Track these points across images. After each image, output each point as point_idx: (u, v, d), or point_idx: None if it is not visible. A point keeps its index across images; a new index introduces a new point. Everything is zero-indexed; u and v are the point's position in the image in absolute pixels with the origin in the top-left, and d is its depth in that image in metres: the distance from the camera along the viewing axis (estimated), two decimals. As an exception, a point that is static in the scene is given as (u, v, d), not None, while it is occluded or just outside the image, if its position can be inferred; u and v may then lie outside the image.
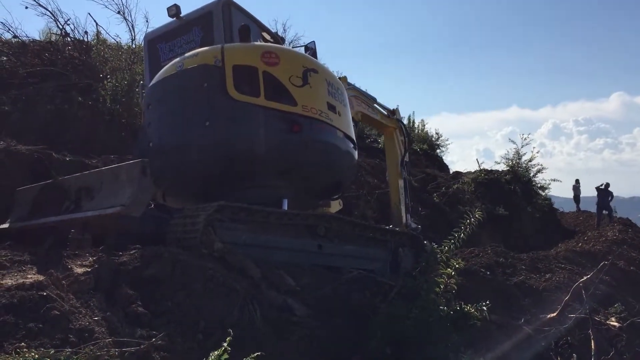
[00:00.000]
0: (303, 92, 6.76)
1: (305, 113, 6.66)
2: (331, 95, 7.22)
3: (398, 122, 11.52)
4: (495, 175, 19.98)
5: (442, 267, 5.57)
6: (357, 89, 10.39)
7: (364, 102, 10.52)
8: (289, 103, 6.60)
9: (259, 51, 6.75)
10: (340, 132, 7.18)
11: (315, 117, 6.77)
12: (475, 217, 5.91)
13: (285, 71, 6.72)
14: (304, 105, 6.68)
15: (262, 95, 6.48)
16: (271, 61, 6.67)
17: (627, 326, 8.38)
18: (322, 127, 6.86)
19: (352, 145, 7.62)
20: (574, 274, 10.56)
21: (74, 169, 8.09)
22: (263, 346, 4.02)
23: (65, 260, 4.88)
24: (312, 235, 6.38)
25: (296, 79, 6.75)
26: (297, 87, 6.72)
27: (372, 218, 13.06)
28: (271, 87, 6.56)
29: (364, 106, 10.46)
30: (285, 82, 6.66)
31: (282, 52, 7.00)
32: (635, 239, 17.10)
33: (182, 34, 8.02)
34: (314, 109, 6.77)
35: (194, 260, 4.79)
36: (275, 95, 6.57)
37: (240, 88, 6.46)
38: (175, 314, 4.19)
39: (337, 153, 7.15)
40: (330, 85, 7.28)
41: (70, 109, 11.47)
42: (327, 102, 7.05)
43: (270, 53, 6.75)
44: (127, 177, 5.67)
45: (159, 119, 6.90)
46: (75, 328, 3.52)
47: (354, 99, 10.19)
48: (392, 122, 11.39)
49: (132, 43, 14.70)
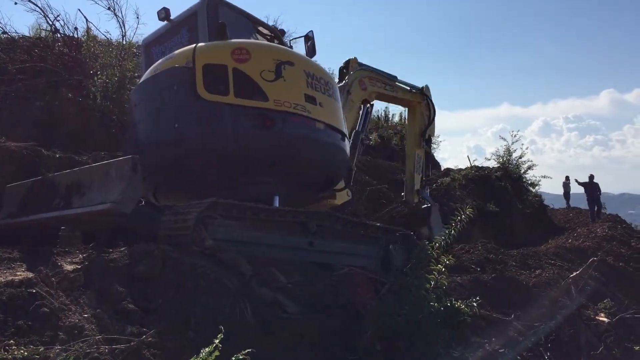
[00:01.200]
0: (275, 87, 6.70)
1: (278, 107, 6.61)
2: (311, 86, 7.11)
3: (424, 97, 11.65)
4: (486, 172, 20.04)
5: (432, 264, 5.59)
6: (371, 69, 10.39)
7: (379, 80, 10.55)
8: (260, 98, 6.57)
9: (230, 48, 6.72)
10: (320, 124, 7.07)
11: (289, 111, 6.70)
12: (466, 214, 5.93)
13: (256, 66, 6.67)
14: (276, 100, 6.63)
15: (231, 93, 6.48)
16: (241, 58, 6.64)
17: (616, 322, 8.44)
18: (298, 121, 6.78)
19: (339, 136, 7.53)
20: (564, 270, 10.63)
21: (64, 166, 8.05)
22: (254, 343, 4.02)
23: (55, 257, 4.87)
24: (303, 232, 6.38)
25: (268, 73, 6.69)
26: (269, 81, 6.67)
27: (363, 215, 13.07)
28: (241, 84, 6.54)
29: (379, 85, 10.48)
30: (256, 77, 6.62)
31: (254, 48, 6.96)
32: (624, 235, 17.21)
33: (173, 36, 8.02)
34: (288, 103, 6.71)
35: (184, 257, 4.79)
36: (245, 92, 6.55)
37: (210, 87, 6.49)
38: (166, 311, 4.19)
39: (316, 146, 7.06)
40: (310, 76, 7.18)
41: (61, 105, 11.39)
42: (304, 94, 6.96)
43: (241, 49, 6.72)
44: (117, 173, 5.64)
45: (139, 121, 7.15)
46: (65, 325, 3.51)
47: (367, 79, 10.22)
48: (416, 96, 11.57)
49: (122, 39, 14.59)
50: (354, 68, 10.22)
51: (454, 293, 6.82)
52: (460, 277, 8.03)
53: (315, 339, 4.79)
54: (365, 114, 10.49)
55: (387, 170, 15.87)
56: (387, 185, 15.05)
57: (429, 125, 11.84)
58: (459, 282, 7.73)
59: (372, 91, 10.33)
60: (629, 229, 18.68)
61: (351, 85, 10.06)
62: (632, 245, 16.11)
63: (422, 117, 11.83)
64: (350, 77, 10.15)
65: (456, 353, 5.01)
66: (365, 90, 10.21)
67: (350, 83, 10.09)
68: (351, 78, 10.13)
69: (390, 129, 23.10)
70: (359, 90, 10.19)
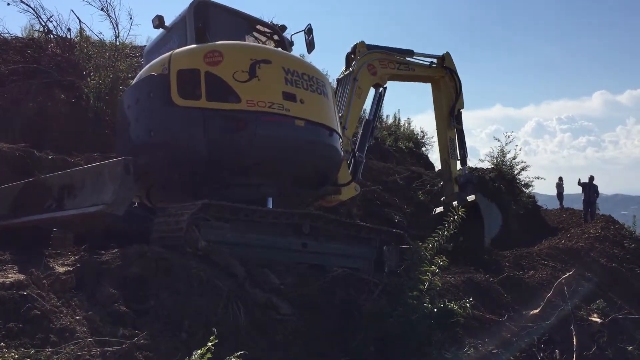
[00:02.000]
0: (249, 87, 6.65)
1: (250, 108, 6.56)
2: (290, 83, 6.99)
3: (444, 70, 11.02)
4: (479, 172, 20.04)
5: (426, 265, 5.59)
6: (381, 50, 10.03)
7: (392, 61, 10.18)
8: (233, 100, 6.54)
9: (202, 52, 6.72)
10: (300, 122, 6.95)
11: (263, 111, 6.63)
12: (459, 215, 5.93)
13: (229, 68, 6.64)
14: (249, 101, 6.57)
15: (203, 97, 6.49)
16: (214, 60, 6.63)
17: (608, 322, 8.49)
18: (272, 120, 6.70)
19: (326, 132, 7.40)
20: (557, 271, 10.66)
21: (57, 167, 8.03)
22: (247, 344, 4.02)
23: (47, 259, 4.85)
24: (296, 234, 6.37)
25: (241, 74, 6.65)
26: (242, 82, 6.63)
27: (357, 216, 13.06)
28: (213, 87, 6.54)
29: (392, 66, 10.11)
30: (228, 79, 6.59)
31: (227, 49, 6.90)
32: (617, 235, 17.27)
33: (167, 43, 8.01)
34: (262, 102, 6.64)
35: (177, 259, 4.78)
36: (217, 95, 6.55)
37: (183, 93, 6.51)
38: (159, 313, 4.18)
39: (296, 144, 6.94)
40: (289, 72, 7.05)
41: (53, 106, 11.34)
42: (282, 92, 6.87)
43: (214, 52, 6.71)
44: (109, 175, 5.62)
45: (122, 126, 7.41)
46: (56, 328, 3.49)
47: (377, 62, 9.90)
48: (436, 71, 10.94)
49: (115, 40, 14.54)
50: (361, 53, 9.85)
51: (447, 294, 6.84)
52: (454, 278, 8.05)
53: (308, 340, 4.79)
54: (377, 100, 10.22)
55: (381, 172, 15.83)
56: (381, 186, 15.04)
57: (457, 98, 11.08)
58: (453, 283, 7.74)
59: (383, 74, 10.01)
60: (621, 230, 18.74)
61: (358, 72, 9.73)
62: (624, 245, 16.17)
63: (448, 91, 11.11)
64: (357, 63, 9.81)
65: (449, 354, 5.03)
66: (375, 74, 9.89)
67: (357, 69, 9.75)
68: (358, 64, 9.79)
69: (384, 129, 23.10)
70: (367, 76, 9.86)
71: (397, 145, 21.42)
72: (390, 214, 12.72)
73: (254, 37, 8.35)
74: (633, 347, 8.32)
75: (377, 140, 21.54)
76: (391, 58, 10.17)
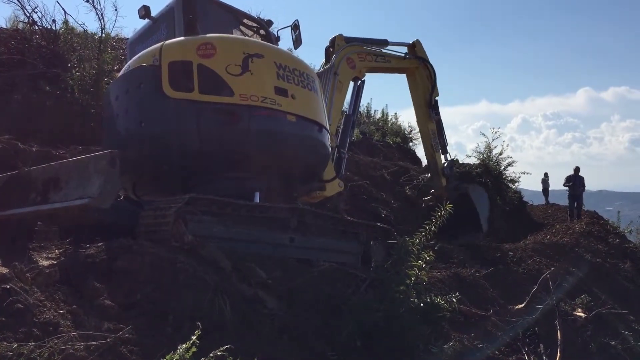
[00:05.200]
0: (242, 81, 6.63)
1: (243, 102, 6.55)
2: (282, 78, 7.01)
3: (418, 60, 11.11)
4: (466, 168, 20.13)
5: (413, 260, 5.61)
6: (358, 43, 10.00)
7: (369, 54, 10.20)
8: (226, 94, 6.52)
9: (195, 44, 6.68)
10: (292, 117, 6.98)
11: (256, 105, 6.63)
12: (446, 210, 5.95)
13: (222, 61, 6.62)
14: (242, 94, 6.56)
15: (195, 90, 6.44)
16: (207, 53, 6.60)
17: (592, 317, 8.58)
18: (265, 114, 6.70)
19: (316, 127, 7.43)
20: (542, 266, 10.75)
21: (41, 160, 7.94)
22: (233, 338, 4.00)
23: (30, 252, 4.80)
24: (284, 228, 6.36)
25: (234, 67, 6.63)
26: (235, 75, 6.61)
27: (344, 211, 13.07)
28: (206, 80, 6.50)
29: (370, 59, 10.13)
30: (221, 72, 6.56)
31: (220, 42, 6.87)
32: (601, 231, 17.45)
33: (153, 34, 7.94)
34: (255, 97, 6.64)
35: (163, 253, 4.74)
36: (210, 87, 6.51)
37: (175, 85, 6.45)
38: (144, 307, 4.14)
39: (286, 139, 6.96)
40: (281, 67, 7.06)
41: (38, 98, 11.22)
42: (274, 87, 6.88)
43: (207, 44, 6.67)
44: (95, 168, 5.56)
45: (110, 118, 7.23)
46: (40, 322, 3.45)
47: (356, 55, 9.90)
48: (411, 62, 11.04)
49: (101, 32, 14.39)
50: (340, 46, 9.87)
51: (433, 289, 6.86)
52: (440, 273, 8.09)
53: (295, 334, 4.78)
54: (356, 93, 10.21)
55: (368, 166, 15.85)
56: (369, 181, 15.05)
57: (433, 88, 11.27)
58: (439, 278, 7.78)
59: (362, 67, 10.01)
60: (606, 226, 18.93)
61: (338, 66, 9.72)
62: (609, 241, 16.35)
63: (424, 81, 11.26)
64: (336, 57, 9.79)
65: (435, 348, 5.04)
66: (354, 68, 9.90)
67: (337, 63, 9.74)
68: (338, 57, 9.78)
69: (371, 124, 23.13)
70: (347, 69, 9.87)
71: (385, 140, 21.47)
72: (377, 209, 12.74)
73: (240, 31, 8.31)
74: (616, 342, 8.42)
75: (364, 135, 21.58)
76: (368, 51, 10.22)
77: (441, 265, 8.55)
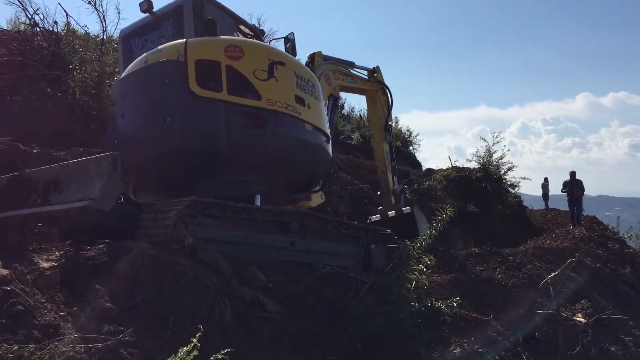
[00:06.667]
0: (268, 86, 6.68)
1: (270, 107, 6.59)
2: (300, 88, 7.13)
3: (379, 84, 11.43)
4: (466, 172, 20.17)
5: (413, 264, 5.60)
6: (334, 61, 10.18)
7: (342, 73, 10.38)
8: (253, 97, 6.53)
9: (223, 45, 6.67)
10: (309, 126, 7.10)
11: (281, 111, 6.69)
12: (447, 214, 5.95)
13: (250, 65, 6.64)
14: (269, 99, 6.61)
15: (224, 90, 6.42)
16: (235, 55, 6.59)
17: (592, 322, 8.56)
18: (288, 121, 6.78)
19: (324, 138, 7.57)
20: (542, 271, 10.74)
21: (42, 162, 7.92)
22: (233, 342, 3.98)
23: (31, 254, 4.78)
24: (284, 232, 6.35)
25: (261, 72, 6.67)
26: (262, 80, 6.64)
27: (344, 214, 13.08)
28: (234, 82, 6.49)
29: (342, 78, 10.35)
30: (249, 76, 6.58)
31: (247, 46, 6.92)
32: (601, 236, 17.46)
33: (155, 30, 7.90)
34: (280, 103, 6.69)
35: (164, 256, 4.73)
36: (239, 89, 6.50)
37: (202, 83, 6.40)
38: (144, 309, 4.13)
39: (305, 147, 7.09)
40: (299, 77, 7.20)
41: (39, 100, 11.23)
42: (295, 95, 6.97)
43: (235, 47, 6.68)
44: (96, 170, 5.55)
45: (122, 115, 6.92)
46: (40, 324, 3.44)
47: (332, 73, 10.06)
48: (373, 85, 11.34)
49: (102, 34, 14.42)
50: (319, 63, 9.94)
51: (434, 293, 6.86)
52: (441, 277, 8.08)
53: (295, 338, 4.77)
54: (331, 110, 10.35)
55: (368, 170, 15.89)
56: (369, 185, 15.07)
57: (390, 112, 11.59)
58: (439, 282, 7.77)
59: (336, 85, 10.15)
60: (605, 231, 18.94)
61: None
62: (608, 246, 16.36)
63: (382, 105, 11.55)
64: (316, 73, 9.73)
65: (436, 353, 5.03)
66: (330, 85, 10.01)
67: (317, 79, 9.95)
68: (317, 73, 9.75)
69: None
70: (325, 86, 9.87)
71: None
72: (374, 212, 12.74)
73: (237, 36, 8.34)
74: (616, 348, 8.40)
75: (364, 138, 21.61)
76: (342, 70, 10.42)
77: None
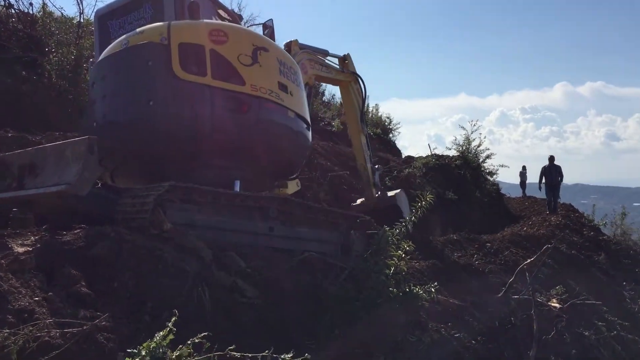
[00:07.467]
0: (252, 71, 6.63)
1: (254, 93, 6.56)
2: (283, 74, 7.09)
3: (352, 74, 11.33)
4: (445, 160, 20.29)
5: (392, 250, 5.64)
6: (309, 50, 10.11)
7: (318, 63, 10.31)
8: (237, 82, 6.48)
9: (207, 29, 6.60)
10: (291, 113, 7.09)
11: (264, 97, 6.66)
12: (426, 201, 5.99)
13: (234, 50, 6.58)
14: (253, 85, 6.57)
15: (208, 74, 6.35)
16: (219, 39, 6.52)
17: (567, 307, 8.72)
18: (272, 108, 6.76)
19: (305, 125, 7.57)
20: (519, 257, 10.89)
21: (17, 145, 7.80)
22: (212, 327, 3.97)
23: (5, 239, 4.70)
24: (264, 218, 6.33)
25: (245, 57, 6.61)
26: (246, 66, 6.59)
27: (324, 201, 13.08)
28: (218, 66, 6.42)
29: (318, 67, 10.29)
30: (234, 60, 6.53)
31: (231, 30, 6.86)
32: (576, 224, 17.73)
33: (133, 11, 7.77)
34: (263, 89, 6.66)
35: (142, 241, 4.69)
36: (223, 74, 6.44)
37: (186, 67, 6.31)
38: (121, 294, 4.11)
39: (287, 133, 7.08)
40: (282, 64, 7.15)
41: (14, 83, 11.01)
42: (278, 82, 6.93)
43: (219, 31, 6.61)
44: (72, 154, 5.47)
45: (103, 97, 6.75)
46: (14, 308, 3.40)
47: (308, 62, 9.98)
48: (347, 76, 11.24)
49: (80, 17, 14.14)
50: (295, 51, 9.77)
51: (412, 279, 6.91)
52: (419, 263, 8.14)
53: (274, 324, 4.78)
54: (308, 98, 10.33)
55: (348, 157, 15.87)
56: (349, 171, 15.07)
57: (364, 102, 11.54)
58: (418, 268, 7.83)
59: (312, 74, 10.10)
60: (581, 218, 19.24)
61: None
62: (584, 233, 16.64)
63: (356, 95, 11.46)
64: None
65: (414, 338, 5.08)
66: (306, 73, 9.87)
67: None
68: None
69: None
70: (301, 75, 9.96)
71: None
72: (357, 199, 12.77)
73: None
74: (590, 332, 8.59)
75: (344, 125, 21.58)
76: (317, 59, 10.35)
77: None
